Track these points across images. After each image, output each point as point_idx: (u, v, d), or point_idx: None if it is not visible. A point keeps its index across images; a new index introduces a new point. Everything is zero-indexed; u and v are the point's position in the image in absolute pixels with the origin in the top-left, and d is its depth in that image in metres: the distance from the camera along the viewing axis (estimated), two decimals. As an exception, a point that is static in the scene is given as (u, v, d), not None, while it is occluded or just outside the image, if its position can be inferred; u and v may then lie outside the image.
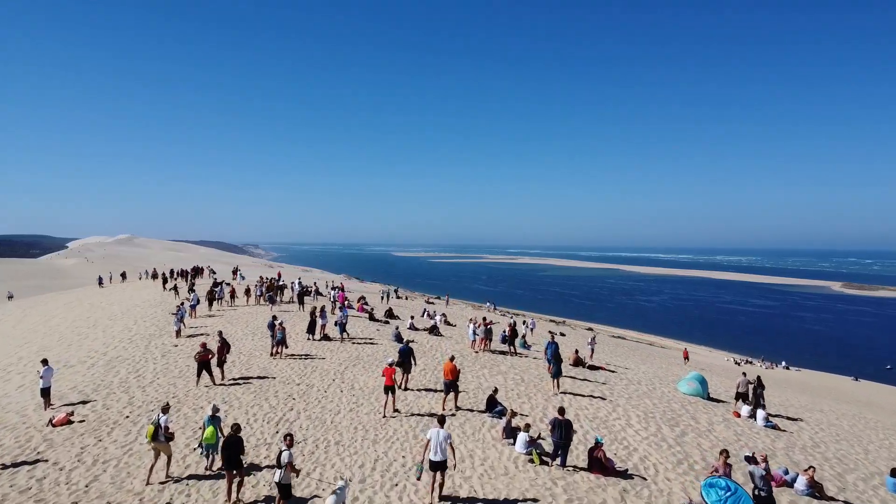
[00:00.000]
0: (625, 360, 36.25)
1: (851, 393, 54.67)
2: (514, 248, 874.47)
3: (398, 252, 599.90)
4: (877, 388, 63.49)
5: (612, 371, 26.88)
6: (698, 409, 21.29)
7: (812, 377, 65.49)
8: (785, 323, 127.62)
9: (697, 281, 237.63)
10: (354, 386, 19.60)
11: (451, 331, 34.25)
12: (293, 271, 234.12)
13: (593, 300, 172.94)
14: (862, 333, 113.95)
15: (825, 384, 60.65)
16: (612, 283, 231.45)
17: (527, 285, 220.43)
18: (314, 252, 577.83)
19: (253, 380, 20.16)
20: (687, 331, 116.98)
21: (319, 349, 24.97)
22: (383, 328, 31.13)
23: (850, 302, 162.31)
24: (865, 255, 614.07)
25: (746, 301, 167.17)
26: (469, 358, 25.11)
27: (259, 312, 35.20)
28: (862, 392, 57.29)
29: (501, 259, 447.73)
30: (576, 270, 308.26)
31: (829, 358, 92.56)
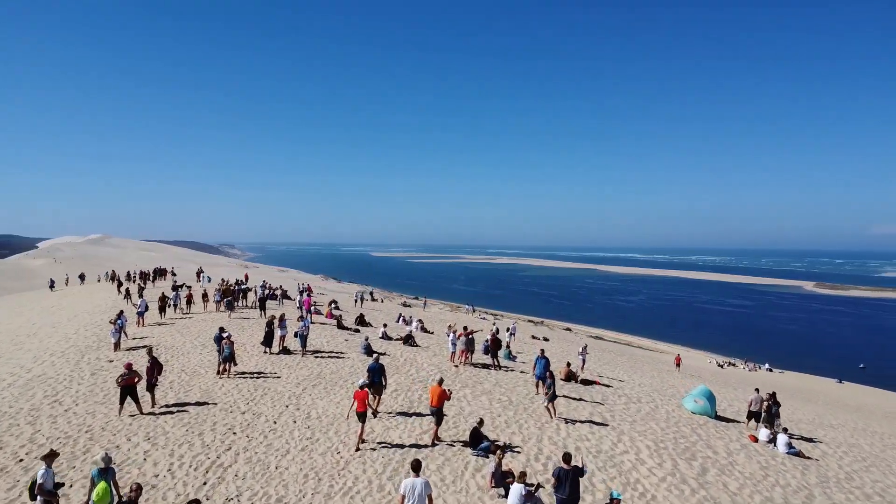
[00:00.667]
0: (615, 370, 33.50)
1: (840, 397, 53.00)
2: (493, 248, 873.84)
3: (376, 252, 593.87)
4: (860, 391, 62.20)
5: (607, 386, 23.97)
6: (710, 432, 18.49)
7: (796, 380, 63.96)
8: (761, 323, 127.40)
9: (674, 281, 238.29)
10: (311, 414, 16.23)
11: (428, 339, 31.04)
12: (269, 272, 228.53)
13: (571, 300, 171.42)
14: (836, 333, 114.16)
15: (811, 387, 59.06)
16: (590, 283, 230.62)
17: (505, 285, 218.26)
18: (291, 252, 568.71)
19: (190, 407, 16.67)
20: (666, 331, 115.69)
21: (276, 365, 21.52)
22: (353, 338, 27.72)
23: (823, 301, 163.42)
24: (836, 255, 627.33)
25: (723, 301, 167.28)
26: (448, 374, 21.92)
27: (216, 321, 31.48)
28: (849, 396, 55.76)
29: (480, 259, 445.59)
30: (554, 270, 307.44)
31: (806, 358, 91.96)
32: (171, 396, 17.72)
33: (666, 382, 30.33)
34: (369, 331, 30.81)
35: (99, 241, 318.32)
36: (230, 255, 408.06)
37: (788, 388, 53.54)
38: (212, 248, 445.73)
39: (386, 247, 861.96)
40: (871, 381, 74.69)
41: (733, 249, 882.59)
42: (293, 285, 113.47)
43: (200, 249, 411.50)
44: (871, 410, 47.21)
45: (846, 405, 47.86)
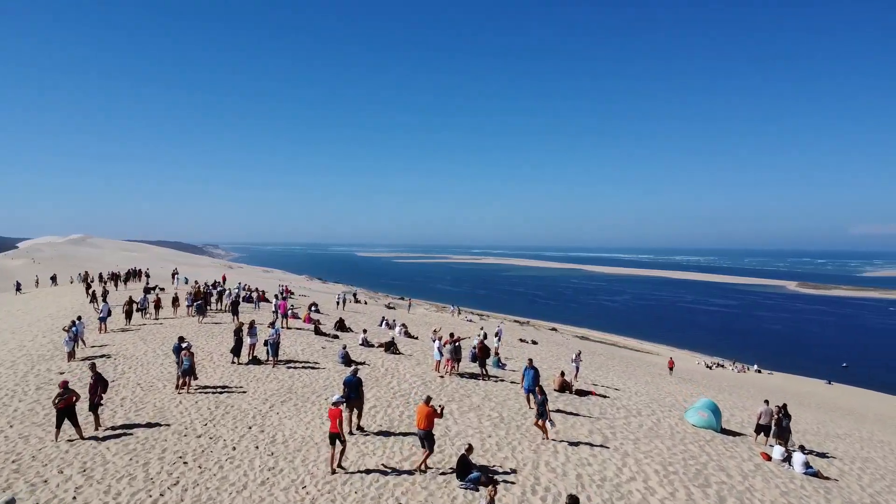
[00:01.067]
0: (608, 375, 31.88)
1: (831, 399, 52.06)
2: (478, 248, 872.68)
3: (362, 252, 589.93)
4: (848, 392, 61.46)
5: (603, 396, 22.25)
6: (718, 449, 16.82)
7: (786, 381, 63.07)
8: (746, 322, 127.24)
9: (658, 281, 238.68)
10: (276, 438, 14.22)
11: (412, 346, 29.09)
12: (253, 272, 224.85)
13: (557, 300, 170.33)
14: (819, 332, 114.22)
15: (801, 389, 58.15)
16: (575, 283, 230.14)
17: (491, 285, 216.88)
18: (276, 252, 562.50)
19: (139, 429, 14.58)
20: (651, 331, 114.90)
21: (243, 377, 19.45)
22: (330, 345, 25.67)
23: (805, 301, 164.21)
24: (818, 255, 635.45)
25: (707, 300, 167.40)
26: (433, 385, 20.03)
27: (186, 326, 29.31)
28: (839, 397, 54.89)
29: (465, 259, 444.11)
30: (539, 270, 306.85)
31: (791, 358, 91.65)
32: (119, 416, 15.59)
33: (662, 390, 28.74)
34: (349, 337, 28.80)
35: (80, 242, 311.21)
36: (214, 256, 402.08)
37: (778, 389, 52.47)
38: (195, 249, 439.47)
39: (371, 247, 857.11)
40: (857, 381, 74.32)
41: (716, 249, 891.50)
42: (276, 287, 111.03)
43: (183, 249, 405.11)
44: (863, 413, 46.22)
45: (838, 408, 46.83)
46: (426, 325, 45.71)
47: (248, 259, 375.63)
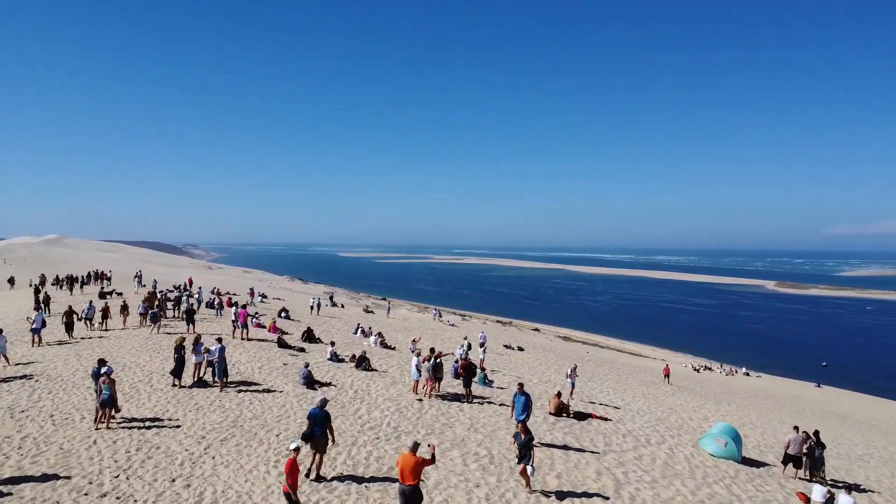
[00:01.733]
0: (602, 387, 29.09)
1: (826, 404, 50.12)
2: (460, 248, 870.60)
3: (344, 252, 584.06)
4: (838, 396, 59.80)
5: (604, 419, 19.36)
6: (748, 489, 14.00)
7: (775, 385, 61.21)
8: (727, 322, 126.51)
9: (640, 280, 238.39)
10: (205, 496, 10.88)
11: (388, 359, 25.91)
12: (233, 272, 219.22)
13: (540, 300, 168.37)
14: (798, 331, 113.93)
15: (791, 392, 56.26)
16: (557, 283, 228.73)
17: (473, 286, 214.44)
18: (257, 252, 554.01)
19: (27, 484, 11.24)
20: (634, 331, 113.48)
21: (181, 406, 16.11)
22: (294, 361, 22.38)
23: (784, 300, 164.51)
24: (795, 255, 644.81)
25: (688, 300, 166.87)
26: (410, 412, 16.92)
27: (134, 338, 25.76)
28: (833, 402, 53.05)
29: (448, 259, 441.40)
30: (521, 270, 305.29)
31: (773, 358, 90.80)
32: (13, 461, 12.18)
33: (663, 404, 26.02)
34: (317, 350, 25.52)
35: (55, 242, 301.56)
36: (194, 256, 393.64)
37: (769, 394, 50.45)
38: (174, 249, 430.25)
39: (353, 247, 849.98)
40: (842, 382, 73.25)
41: (696, 249, 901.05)
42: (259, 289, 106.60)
43: (162, 250, 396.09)
44: (859, 419, 44.27)
45: (834, 413, 44.85)
46: (406, 330, 42.58)
47: (229, 259, 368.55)
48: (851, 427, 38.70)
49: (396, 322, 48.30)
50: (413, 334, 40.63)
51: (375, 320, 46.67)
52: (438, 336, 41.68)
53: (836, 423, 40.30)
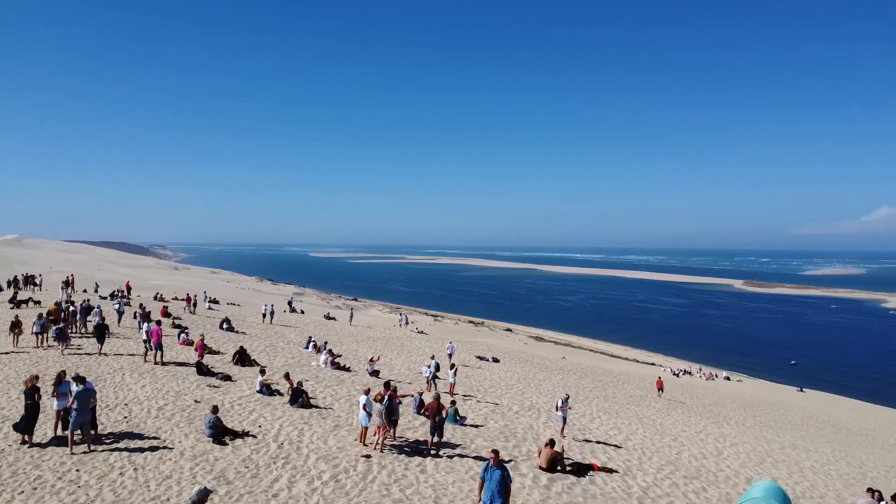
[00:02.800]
0: (591, 409, 24.75)
1: (813, 411, 46.98)
2: (432, 248, 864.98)
3: (316, 253, 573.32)
4: (824, 401, 57.10)
5: (610, 471, 14.85)
6: None
7: (759, 390, 58.18)
8: (698, 321, 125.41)
9: (611, 280, 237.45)
10: None
11: (338, 387, 20.86)
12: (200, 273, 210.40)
13: (512, 300, 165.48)
14: (767, 330, 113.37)
15: (776, 398, 53.16)
16: (529, 282, 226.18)
17: (445, 286, 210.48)
18: (226, 253, 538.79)
19: None
20: (607, 331, 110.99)
21: (20, 479, 11.07)
22: (211, 396, 17.15)
23: (752, 299, 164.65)
24: (761, 254, 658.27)
25: (660, 299, 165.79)
26: (351, 478, 11.89)
27: (18, 363, 20.23)
28: (819, 409, 50.05)
29: (420, 259, 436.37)
30: (494, 270, 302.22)
31: (745, 357, 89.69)
32: None
33: (665, 432, 21.78)
34: (250, 376, 20.39)
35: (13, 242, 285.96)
36: (161, 257, 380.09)
37: (757, 401, 47.17)
38: (141, 250, 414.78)
39: (325, 247, 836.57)
40: (817, 384, 71.63)
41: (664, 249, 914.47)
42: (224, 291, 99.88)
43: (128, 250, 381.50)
44: (851, 429, 41.19)
45: (826, 423, 41.59)
46: (369, 341, 37.61)
47: (197, 260, 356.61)
48: (852, 440, 35.44)
49: (359, 331, 43.24)
50: (376, 346, 35.73)
51: (335, 329, 41.61)
52: (405, 348, 36.87)
53: (832, 433, 37.08)
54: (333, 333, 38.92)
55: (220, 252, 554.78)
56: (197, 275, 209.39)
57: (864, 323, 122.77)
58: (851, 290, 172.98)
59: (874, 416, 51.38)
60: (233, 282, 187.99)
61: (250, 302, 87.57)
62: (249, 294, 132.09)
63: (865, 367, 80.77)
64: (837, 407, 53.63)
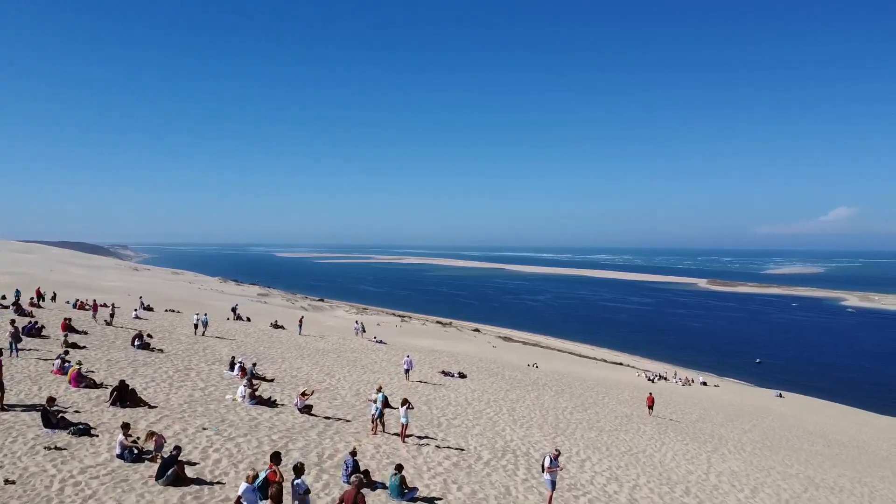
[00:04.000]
0: (575, 442, 20.05)
1: (798, 420, 43.61)
2: (400, 247, 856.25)
3: (282, 253, 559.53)
4: (805, 407, 54.03)
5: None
6: None
7: (737, 395, 54.81)
8: (665, 320, 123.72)
9: (578, 279, 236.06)
10: None
11: (244, 443, 15.32)
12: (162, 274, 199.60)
13: (480, 300, 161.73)
14: (732, 328, 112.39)
15: (756, 403, 49.77)
16: (498, 282, 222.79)
17: (413, 286, 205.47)
18: (190, 253, 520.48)
19: None
20: (575, 330, 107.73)
21: None
22: (42, 467, 11.66)
23: (716, 298, 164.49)
24: (723, 253, 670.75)
25: (626, 298, 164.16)
26: None
27: None
28: (804, 417, 46.73)
29: (388, 259, 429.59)
30: (462, 270, 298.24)
31: (713, 356, 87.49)
32: None
33: (674, 478, 17.17)
34: (131, 421, 14.85)
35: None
36: (122, 257, 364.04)
37: (739, 410, 43.52)
38: (100, 250, 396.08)
39: (292, 247, 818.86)
40: (793, 385, 69.58)
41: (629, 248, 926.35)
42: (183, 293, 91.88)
43: (86, 251, 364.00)
44: (842, 442, 37.78)
45: (812, 433, 38.12)
46: (316, 355, 32.08)
47: (159, 260, 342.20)
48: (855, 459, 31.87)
49: (308, 342, 37.58)
50: (325, 362, 30.29)
51: (280, 341, 35.91)
52: (358, 363, 31.50)
53: (826, 448, 33.51)
54: (277, 347, 33.29)
55: (184, 252, 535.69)
56: (158, 276, 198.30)
57: (824, 321, 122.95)
58: (811, 288, 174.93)
59: (851, 422, 48.61)
60: (195, 283, 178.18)
61: (211, 304, 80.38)
62: (211, 295, 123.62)
63: (828, 366, 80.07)
64: (818, 413, 50.66)
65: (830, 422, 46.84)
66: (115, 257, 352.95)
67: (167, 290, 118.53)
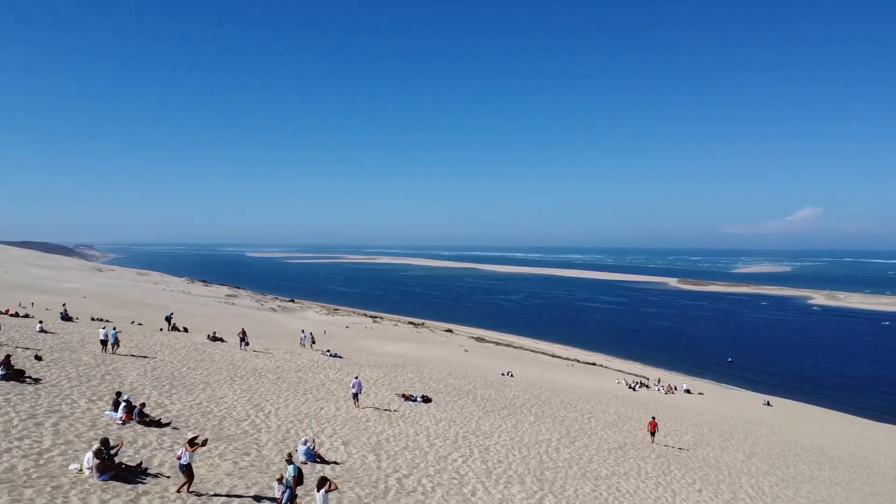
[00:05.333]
0: (562, 487, 14.85)
1: (792, 434, 39.36)
2: (373, 247, 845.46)
3: (253, 252, 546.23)
4: (796, 416, 50.19)
5: None
6: None
7: (723, 404, 50.43)
8: (637, 319, 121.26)
9: (551, 279, 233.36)
10: None
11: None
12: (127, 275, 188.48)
13: (453, 300, 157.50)
14: (704, 327, 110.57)
15: (748, 416, 45.08)
16: (471, 282, 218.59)
17: (386, 286, 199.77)
18: (158, 253, 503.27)
19: None
20: (548, 330, 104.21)
21: None
22: None
23: (687, 297, 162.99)
24: (692, 252, 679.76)
25: (599, 298, 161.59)
26: None
27: None
28: (794, 427, 42.69)
29: (360, 259, 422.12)
30: (435, 270, 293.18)
31: (686, 356, 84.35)
32: None
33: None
34: None
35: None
36: (87, 258, 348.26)
37: (728, 422, 39.14)
38: (64, 250, 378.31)
39: (263, 247, 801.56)
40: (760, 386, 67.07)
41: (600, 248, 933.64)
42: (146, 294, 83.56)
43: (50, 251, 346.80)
44: (844, 460, 33.70)
45: (812, 448, 34.00)
46: (252, 377, 26.02)
47: (125, 261, 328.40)
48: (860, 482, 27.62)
49: (246, 360, 31.41)
50: (261, 386, 24.32)
51: (214, 359, 29.73)
52: (300, 387, 25.58)
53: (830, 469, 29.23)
54: (205, 367, 27.16)
55: (153, 252, 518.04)
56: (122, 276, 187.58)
57: (793, 320, 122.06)
58: (779, 287, 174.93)
59: (845, 433, 44.88)
60: (160, 284, 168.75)
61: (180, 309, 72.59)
62: (176, 297, 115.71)
63: (799, 366, 78.40)
64: (809, 424, 46.74)
65: (824, 434, 42.93)
66: (80, 258, 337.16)
67: (128, 292, 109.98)
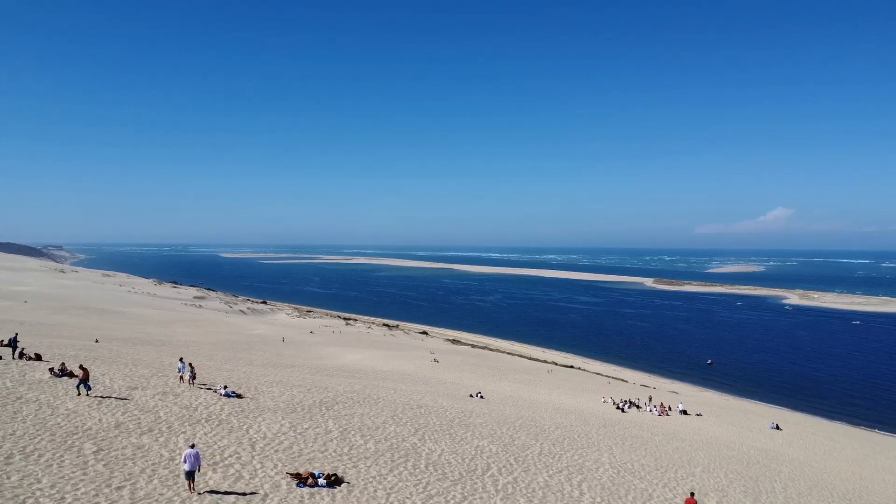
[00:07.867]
0: None
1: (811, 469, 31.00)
2: (349, 248, 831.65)
3: (226, 253, 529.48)
4: (806, 440, 42.08)
5: None
6: None
7: (726, 429, 41.40)
8: (614, 320, 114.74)
9: (527, 279, 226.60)
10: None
11: None
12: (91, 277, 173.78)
13: (429, 301, 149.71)
14: (680, 328, 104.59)
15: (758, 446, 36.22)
16: (447, 282, 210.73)
17: (361, 286, 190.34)
18: (128, 253, 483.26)
19: None
20: (525, 331, 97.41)
21: None
22: None
23: (663, 297, 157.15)
24: (666, 252, 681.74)
25: (575, 298, 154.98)
26: None
27: None
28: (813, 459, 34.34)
29: (336, 259, 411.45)
30: (410, 270, 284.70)
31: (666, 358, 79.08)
32: None
33: None
34: None
35: None
36: (56, 259, 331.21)
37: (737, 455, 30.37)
38: (31, 251, 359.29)
39: (237, 247, 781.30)
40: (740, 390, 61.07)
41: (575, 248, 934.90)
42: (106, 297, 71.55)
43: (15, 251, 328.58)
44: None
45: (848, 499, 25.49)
46: (59, 448, 15.81)
47: (93, 262, 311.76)
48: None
49: (72, 416, 21.26)
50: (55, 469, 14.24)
51: (16, 416, 19.44)
52: (122, 470, 15.58)
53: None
54: (21, 427, 16.87)
55: (123, 253, 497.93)
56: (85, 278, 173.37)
57: (768, 319, 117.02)
58: (753, 286, 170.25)
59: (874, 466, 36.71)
60: (126, 285, 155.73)
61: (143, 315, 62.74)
62: (141, 300, 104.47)
63: (777, 365, 73.71)
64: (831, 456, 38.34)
65: (851, 468, 34.55)
66: (48, 258, 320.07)
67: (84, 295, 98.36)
